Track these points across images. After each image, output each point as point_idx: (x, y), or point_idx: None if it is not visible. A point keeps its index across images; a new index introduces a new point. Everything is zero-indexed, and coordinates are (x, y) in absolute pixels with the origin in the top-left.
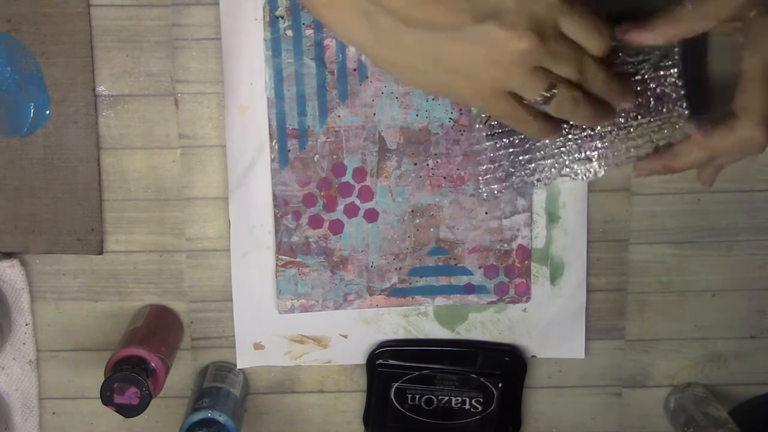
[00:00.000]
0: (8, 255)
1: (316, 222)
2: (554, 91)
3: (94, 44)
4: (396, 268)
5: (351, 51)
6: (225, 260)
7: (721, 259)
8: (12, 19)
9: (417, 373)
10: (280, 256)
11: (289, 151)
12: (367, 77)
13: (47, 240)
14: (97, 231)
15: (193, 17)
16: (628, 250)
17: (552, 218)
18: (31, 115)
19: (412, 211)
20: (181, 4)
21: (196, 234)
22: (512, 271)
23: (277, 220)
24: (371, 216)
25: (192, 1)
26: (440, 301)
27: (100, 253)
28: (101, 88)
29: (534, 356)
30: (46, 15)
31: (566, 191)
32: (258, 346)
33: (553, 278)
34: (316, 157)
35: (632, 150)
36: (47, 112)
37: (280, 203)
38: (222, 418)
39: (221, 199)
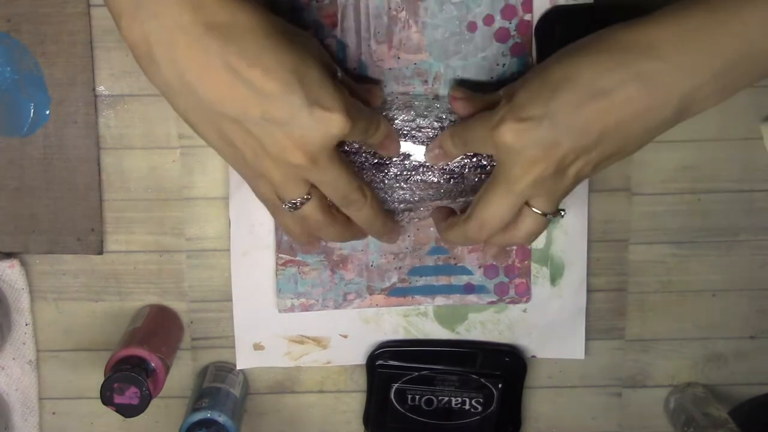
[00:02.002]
0: (8, 255)
1: None
2: (303, 201)
3: (94, 44)
4: (396, 268)
5: (351, 51)
6: (225, 260)
7: (721, 259)
8: (12, 19)
9: (417, 373)
10: (280, 255)
11: None
12: (367, 77)
13: (47, 240)
14: (97, 231)
15: None
16: (628, 250)
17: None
18: (31, 115)
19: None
20: None
21: (196, 234)
22: (512, 271)
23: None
24: None
25: None
26: (440, 300)
27: (100, 253)
28: (101, 88)
29: (534, 356)
30: (46, 15)
31: None
32: (258, 347)
33: (553, 278)
34: None
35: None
36: (47, 112)
37: None
38: (222, 418)
39: (221, 199)
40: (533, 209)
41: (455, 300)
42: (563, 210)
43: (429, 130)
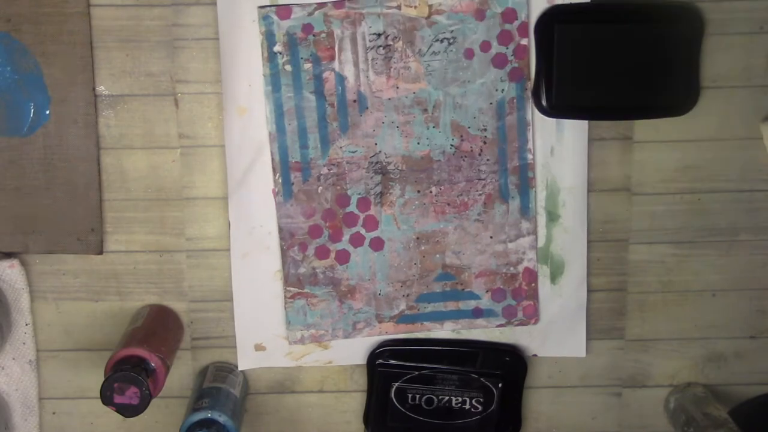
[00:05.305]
0: (8, 255)
1: (322, 252)
2: None
3: (94, 44)
4: (404, 295)
5: (350, 83)
6: (225, 260)
7: (721, 259)
8: (12, 19)
9: (417, 372)
10: (288, 288)
11: (293, 184)
12: (367, 108)
13: (47, 240)
14: (97, 231)
15: (193, 17)
16: (628, 250)
17: (552, 217)
18: (31, 115)
19: (418, 238)
20: (181, 4)
21: (196, 234)
22: (520, 294)
23: (284, 253)
24: (377, 245)
25: (192, 1)
26: (449, 326)
27: (100, 253)
28: (101, 88)
29: (535, 355)
30: (46, 15)
31: (566, 190)
32: (259, 348)
33: (554, 277)
34: (320, 188)
35: None
36: (47, 112)
37: (285, 236)
38: (222, 418)
39: (221, 199)
40: None
41: (464, 324)
42: None
43: None
